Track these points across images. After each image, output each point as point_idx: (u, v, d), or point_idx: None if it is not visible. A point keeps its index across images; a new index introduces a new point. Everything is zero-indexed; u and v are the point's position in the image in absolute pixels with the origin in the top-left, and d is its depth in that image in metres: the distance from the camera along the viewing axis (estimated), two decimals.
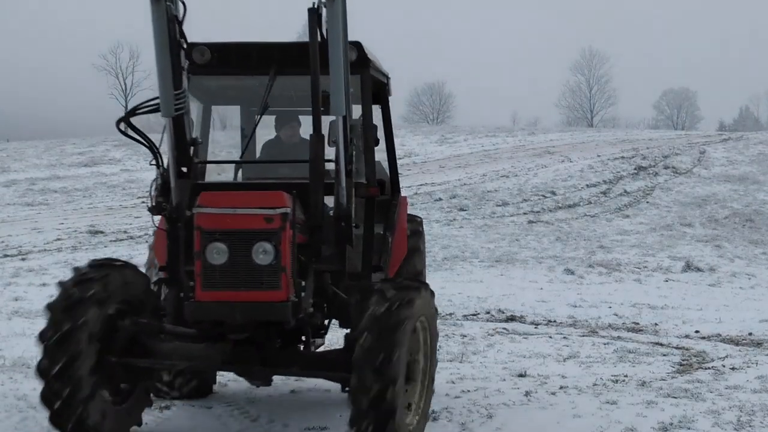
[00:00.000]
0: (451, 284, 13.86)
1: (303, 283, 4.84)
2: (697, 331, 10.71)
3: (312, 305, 4.99)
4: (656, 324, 11.23)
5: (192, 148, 5.44)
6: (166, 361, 5.08)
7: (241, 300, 4.72)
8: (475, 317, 11.54)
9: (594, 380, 7.46)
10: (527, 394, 6.86)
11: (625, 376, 7.72)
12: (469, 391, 7.01)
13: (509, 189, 24.64)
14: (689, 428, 5.79)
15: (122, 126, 5.25)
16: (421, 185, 24.62)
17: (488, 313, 11.89)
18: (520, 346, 9.38)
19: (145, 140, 5.36)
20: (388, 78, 6.69)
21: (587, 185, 25.67)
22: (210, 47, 5.74)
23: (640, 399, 6.72)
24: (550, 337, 10.01)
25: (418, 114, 64.04)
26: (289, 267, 4.69)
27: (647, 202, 22.85)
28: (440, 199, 23.39)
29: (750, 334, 10.50)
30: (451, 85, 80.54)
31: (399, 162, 6.79)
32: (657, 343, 9.79)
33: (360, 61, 5.61)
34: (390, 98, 6.83)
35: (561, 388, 7.11)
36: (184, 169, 5.30)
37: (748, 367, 8.27)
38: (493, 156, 31.48)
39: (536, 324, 11.25)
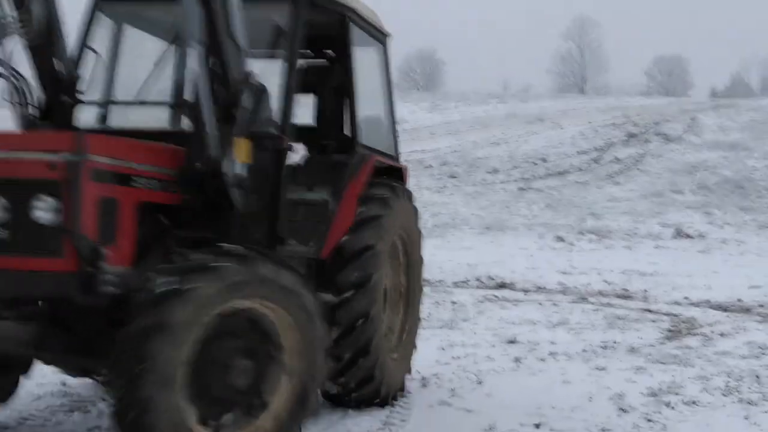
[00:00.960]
0: (441, 251, 13.83)
1: (106, 251, 3.83)
2: (686, 298, 10.80)
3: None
4: (646, 291, 11.33)
5: (67, 83, 4.88)
6: None
7: (11, 267, 3.86)
8: (465, 284, 11.61)
9: (583, 346, 7.55)
10: (517, 360, 6.95)
11: (615, 342, 7.82)
12: (459, 357, 7.07)
13: (500, 156, 24.69)
14: (677, 394, 5.85)
15: None
16: (411, 152, 24.56)
17: (478, 280, 11.96)
18: (509, 313, 9.44)
19: (6, 70, 4.66)
20: (385, 35, 6.19)
21: (578, 152, 25.64)
22: None
23: (629, 365, 6.82)
24: (540, 304, 10.08)
25: (408, 81, 63.55)
26: (88, 229, 3.81)
27: (638, 169, 22.94)
28: (430, 166, 23.54)
29: (739, 300, 10.60)
30: (442, 52, 79.16)
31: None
32: (646, 310, 9.88)
33: None
34: (386, 59, 6.21)
35: (550, 354, 7.21)
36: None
37: (736, 333, 8.41)
38: (484, 123, 31.48)
39: (526, 291, 11.30)
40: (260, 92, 4.45)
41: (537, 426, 5.14)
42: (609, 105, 36.21)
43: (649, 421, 5.36)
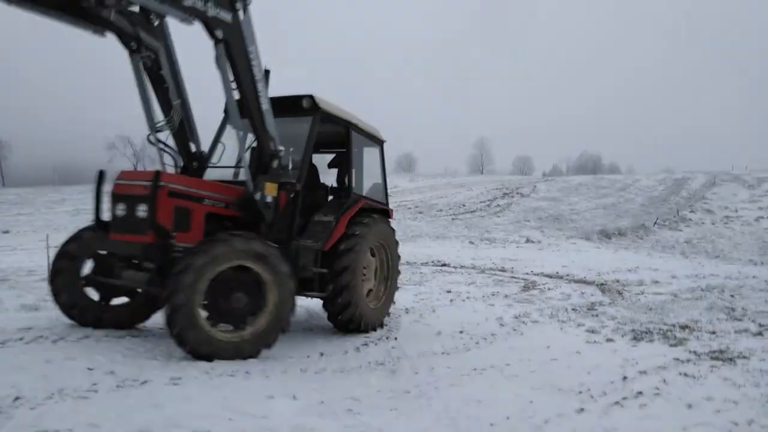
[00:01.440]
0: (415, 249, 16.46)
1: (175, 234, 4.70)
2: (532, 271, 12.39)
3: None
4: (512, 267, 13.00)
5: (196, 155, 5.78)
6: (120, 280, 5.16)
7: (126, 240, 4.89)
8: (426, 264, 13.28)
9: (482, 294, 9.13)
10: (451, 300, 8.50)
11: (497, 292, 9.37)
12: (423, 299, 8.62)
13: (442, 203, 31.71)
14: (528, 317, 7.38)
15: (152, 138, 5.54)
16: (401, 201, 31.99)
17: (432, 262, 13.73)
18: (448, 278, 11.01)
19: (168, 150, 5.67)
20: (381, 141, 7.15)
21: (480, 201, 32.87)
22: None
23: (505, 303, 8.40)
24: (461, 274, 11.67)
25: (400, 166, 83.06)
26: (163, 221, 4.72)
27: (508, 210, 29.58)
28: (410, 208, 30.56)
29: (557, 272, 12.34)
30: (415, 151, 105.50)
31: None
32: (513, 277, 11.58)
33: (311, 108, 5.83)
34: (382, 154, 7.17)
35: (467, 298, 8.75)
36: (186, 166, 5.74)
37: (556, 288, 10.11)
38: (434, 188, 39.52)
39: (455, 267, 12.95)
40: (282, 159, 5.36)
41: (461, 331, 6.42)
42: (494, 179, 46.90)
43: (515, 330, 6.61)
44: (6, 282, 8.75)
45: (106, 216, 5.22)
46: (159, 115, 5.58)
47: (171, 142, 5.81)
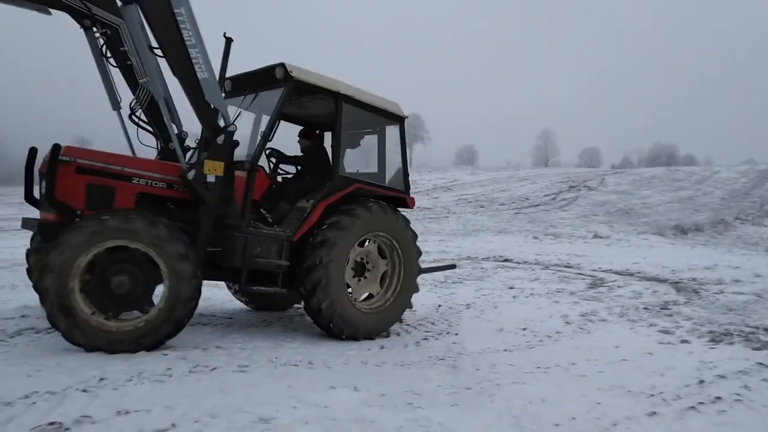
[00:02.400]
0: (476, 243, 16.64)
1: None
2: (599, 267, 12.07)
3: None
4: (579, 264, 12.73)
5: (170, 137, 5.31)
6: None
7: (41, 219, 4.74)
8: (487, 259, 13.22)
9: (547, 290, 8.94)
10: (514, 297, 8.37)
11: (563, 289, 9.22)
12: (485, 294, 8.53)
13: (504, 197, 31.04)
14: (595, 315, 7.16)
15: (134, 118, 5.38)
16: (462, 195, 31.98)
17: (494, 257, 13.65)
18: (510, 273, 10.89)
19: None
20: (400, 118, 6.23)
21: (544, 195, 31.76)
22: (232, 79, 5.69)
23: (571, 300, 8.18)
24: (525, 270, 11.51)
25: (459, 160, 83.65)
26: (69, 198, 4.52)
27: (574, 204, 28.31)
28: (471, 202, 29.99)
29: (627, 269, 11.95)
30: (477, 145, 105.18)
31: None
32: (579, 273, 11.31)
33: (284, 79, 5.20)
34: (402, 133, 6.27)
35: (531, 295, 8.59)
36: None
37: (626, 285, 9.75)
38: (496, 181, 38.54)
39: (518, 262, 12.80)
40: (231, 135, 4.82)
41: (524, 329, 6.31)
42: (559, 172, 44.78)
43: (581, 328, 6.45)
44: None
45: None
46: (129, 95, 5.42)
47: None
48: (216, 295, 7.54)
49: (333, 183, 5.56)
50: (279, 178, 6.38)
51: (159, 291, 4.51)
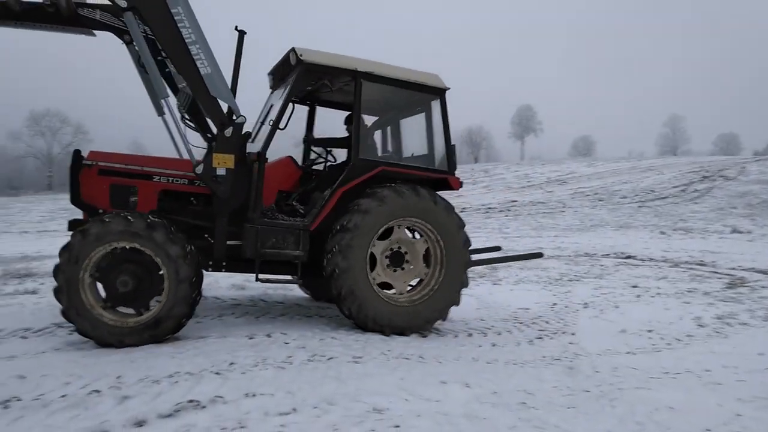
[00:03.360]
0: (594, 239, 15.78)
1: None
2: (739, 266, 11.17)
3: None
4: (714, 261, 11.77)
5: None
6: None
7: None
8: (607, 256, 12.59)
9: (676, 290, 8.40)
10: (638, 296, 7.94)
11: (695, 288, 8.59)
12: (604, 293, 8.11)
13: (626, 189, 29.04)
14: (734, 318, 6.61)
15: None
16: (578, 188, 30.70)
17: (615, 254, 12.91)
18: (633, 271, 10.30)
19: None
20: (440, 90, 5.72)
21: (673, 187, 29.27)
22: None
23: (704, 301, 7.58)
24: (650, 267, 10.83)
25: (575, 152, 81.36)
26: (95, 199, 4.86)
27: (708, 196, 25.65)
28: (588, 195, 28.39)
29: None
30: (595, 136, 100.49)
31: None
32: (714, 272, 10.50)
33: (296, 63, 5.10)
34: (443, 106, 5.70)
35: (657, 294, 8.10)
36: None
37: None
38: (617, 173, 36.23)
39: (642, 259, 12.05)
40: (240, 127, 4.84)
41: (649, 331, 5.96)
42: (690, 161, 40.61)
43: (717, 332, 5.98)
44: None
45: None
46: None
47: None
48: None
49: (352, 167, 5.32)
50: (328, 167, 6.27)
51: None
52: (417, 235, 5.60)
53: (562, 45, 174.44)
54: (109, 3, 4.51)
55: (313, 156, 6.45)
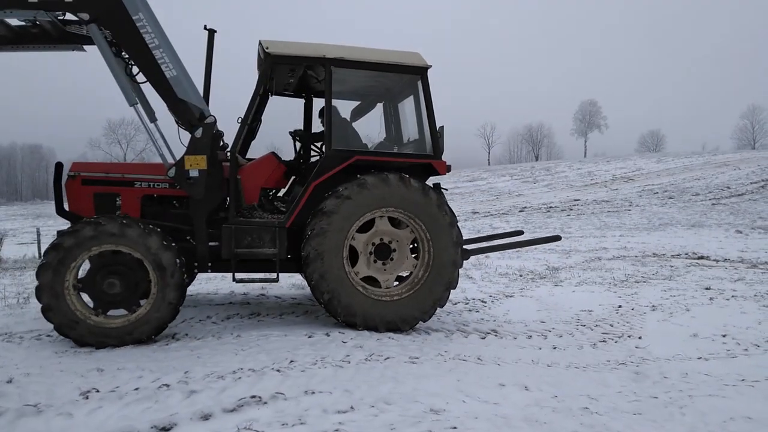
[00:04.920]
0: (664, 238, 15.08)
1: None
2: None
3: None
4: None
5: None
6: None
7: None
8: (677, 256, 12.15)
9: (754, 293, 7.91)
10: (711, 299, 7.59)
11: None
12: (674, 295, 7.77)
13: (699, 186, 27.51)
14: None
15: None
16: (645, 185, 29.48)
17: (686, 254, 12.45)
18: (706, 272, 9.86)
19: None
20: (420, 68, 5.34)
21: (750, 183, 27.33)
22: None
23: None
24: (725, 269, 10.36)
25: (642, 147, 78.13)
26: (79, 208, 5.08)
27: None
28: (656, 193, 26.69)
29: None
30: (665, 130, 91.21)
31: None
32: None
33: (265, 57, 5.04)
34: (425, 86, 5.34)
35: (732, 297, 7.68)
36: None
37: None
38: (689, 168, 34.52)
39: (716, 260, 11.55)
40: (210, 127, 4.87)
41: (723, 335, 5.67)
42: None
43: None
44: None
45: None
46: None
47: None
48: None
49: (325, 158, 5.14)
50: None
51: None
52: (402, 226, 5.38)
53: (630, 35, 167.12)
54: (75, 18, 4.64)
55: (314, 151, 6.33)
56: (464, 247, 5.54)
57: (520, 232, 7.11)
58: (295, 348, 4.56)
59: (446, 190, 5.66)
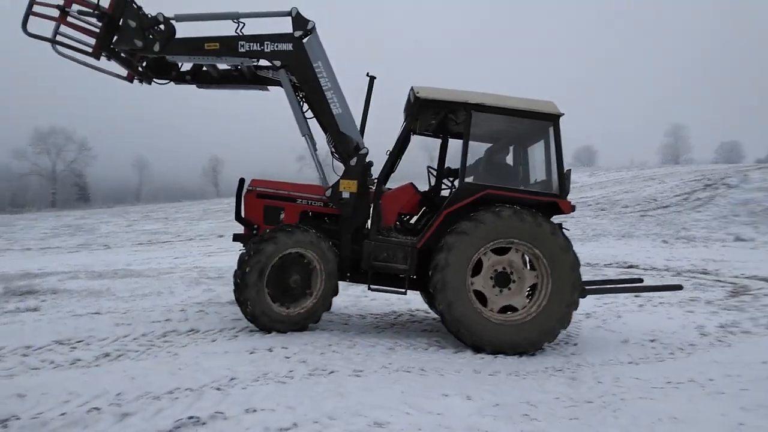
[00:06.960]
0: (597, 249, 15.79)
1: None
2: (742, 274, 11.28)
3: None
4: (717, 270, 11.92)
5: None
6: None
7: None
8: (609, 266, 12.82)
9: (679, 299, 8.44)
10: (640, 306, 8.09)
11: (697, 297, 8.67)
12: (606, 303, 8.09)
13: (629, 198, 29.17)
14: (737, 327, 6.64)
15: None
16: (580, 198, 30.70)
17: (617, 263, 13.14)
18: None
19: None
20: (553, 116, 5.74)
21: (675, 195, 29.18)
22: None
23: (707, 310, 7.67)
24: (652, 277, 10.89)
25: (577, 161, 79.04)
26: (251, 216, 6.05)
27: (711, 203, 25.54)
28: (590, 205, 28.45)
29: None
30: (597, 145, 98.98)
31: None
32: (717, 280, 10.61)
33: (414, 101, 5.68)
34: (556, 133, 5.71)
35: (660, 303, 8.25)
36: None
37: None
38: (619, 182, 36.65)
39: (645, 269, 12.19)
40: (363, 157, 5.73)
41: (652, 340, 5.99)
42: (693, 169, 40.57)
43: (720, 341, 6.02)
44: None
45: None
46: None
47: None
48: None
49: (458, 191, 5.70)
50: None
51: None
52: (530, 267, 5.67)
53: (562, 55, 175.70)
54: (271, 64, 5.71)
55: (445, 185, 6.88)
56: (585, 287, 5.77)
57: (640, 280, 6.87)
58: (235, 365, 4.42)
59: (568, 230, 5.94)
